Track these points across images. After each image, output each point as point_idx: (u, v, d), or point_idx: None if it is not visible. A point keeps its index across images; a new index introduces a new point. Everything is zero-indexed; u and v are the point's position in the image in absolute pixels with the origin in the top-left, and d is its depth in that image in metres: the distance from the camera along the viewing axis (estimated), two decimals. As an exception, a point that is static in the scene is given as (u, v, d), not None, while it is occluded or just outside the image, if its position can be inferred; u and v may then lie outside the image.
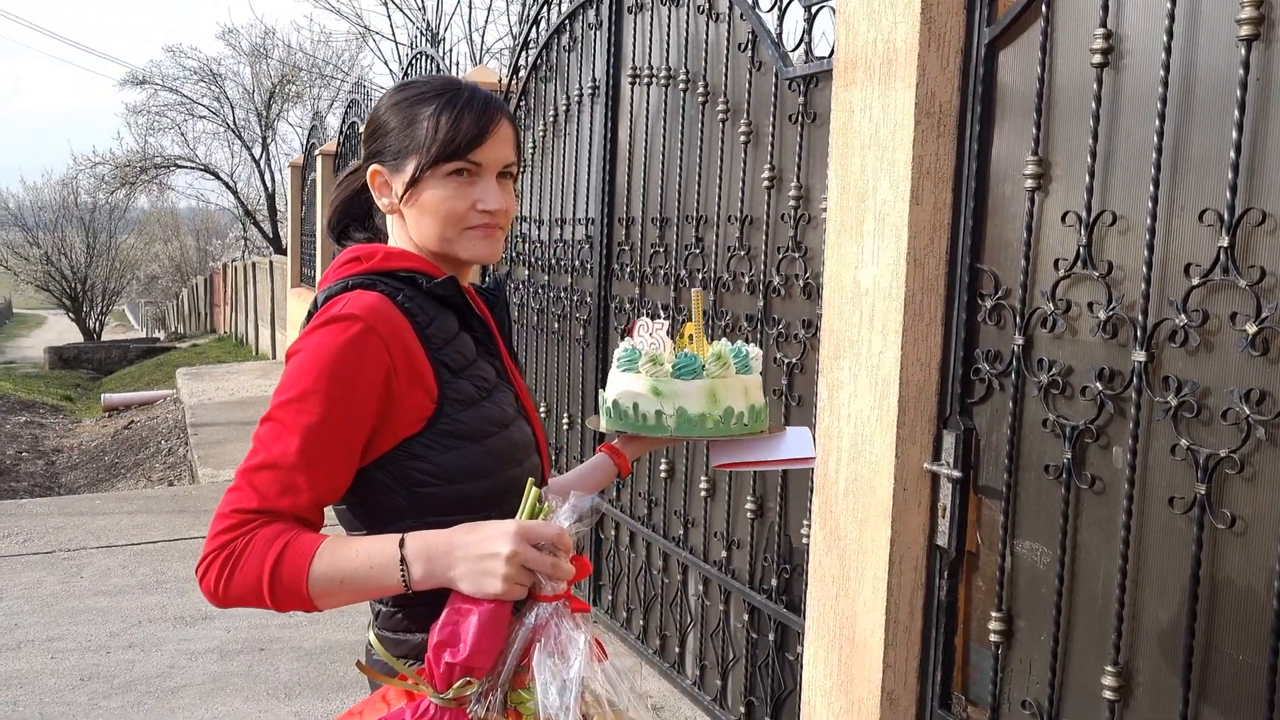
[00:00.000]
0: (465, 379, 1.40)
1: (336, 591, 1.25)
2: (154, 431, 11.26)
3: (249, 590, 1.23)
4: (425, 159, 1.39)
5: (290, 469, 1.26)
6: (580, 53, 4.45)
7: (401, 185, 1.42)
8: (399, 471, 1.35)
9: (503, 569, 1.22)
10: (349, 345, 1.29)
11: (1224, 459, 1.76)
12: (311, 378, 1.28)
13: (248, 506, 1.25)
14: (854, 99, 2.42)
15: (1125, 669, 1.95)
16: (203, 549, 1.26)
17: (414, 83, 1.47)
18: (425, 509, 1.36)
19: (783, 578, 3.03)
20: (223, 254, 34.59)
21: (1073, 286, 2.05)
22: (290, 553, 1.23)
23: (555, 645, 1.23)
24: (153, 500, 6.79)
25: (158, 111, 26.48)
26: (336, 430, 1.28)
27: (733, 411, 1.67)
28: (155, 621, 4.45)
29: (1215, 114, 1.79)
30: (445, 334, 1.41)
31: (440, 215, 1.42)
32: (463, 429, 1.37)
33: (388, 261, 1.42)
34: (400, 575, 1.25)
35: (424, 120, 1.40)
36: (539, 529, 1.25)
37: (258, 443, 1.29)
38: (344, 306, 1.32)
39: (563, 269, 4.60)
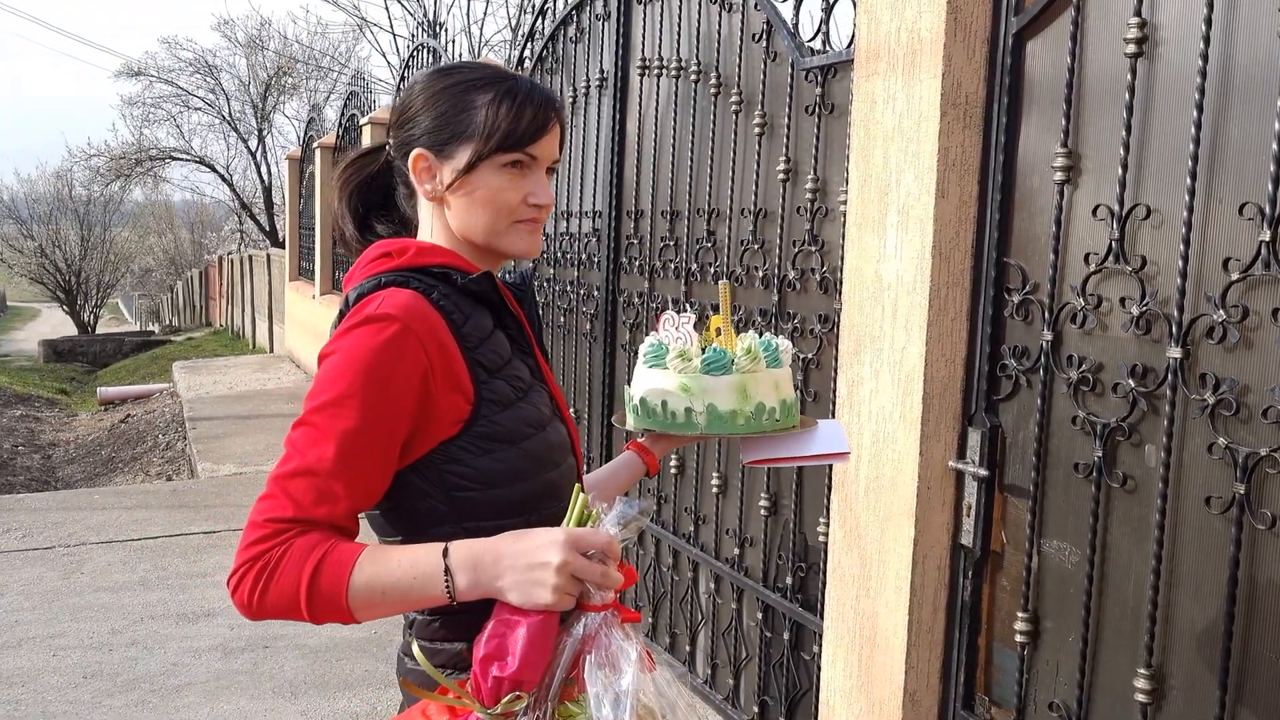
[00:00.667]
0: (501, 379, 1.35)
1: (378, 603, 1.20)
2: (151, 425, 11.19)
3: (285, 603, 1.18)
4: (485, 147, 1.34)
5: (327, 476, 1.21)
6: (587, 44, 4.40)
7: (452, 172, 1.36)
8: (436, 476, 1.30)
9: (553, 579, 1.17)
10: (385, 346, 1.24)
11: (1264, 458, 1.72)
12: (347, 381, 1.23)
13: (283, 515, 1.20)
14: (876, 90, 2.38)
15: (1158, 671, 1.92)
16: (235, 559, 1.20)
17: (461, 66, 1.41)
18: (463, 514, 1.31)
19: (798, 576, 2.99)
20: (218, 247, 34.47)
21: (1104, 281, 2.01)
22: (329, 563, 1.18)
23: (606, 656, 1.18)
24: (152, 495, 6.74)
25: (153, 103, 26.38)
26: (374, 435, 1.23)
27: (764, 407, 1.61)
28: (157, 618, 4.41)
29: (1256, 105, 1.75)
30: (481, 332, 1.35)
31: (493, 206, 1.37)
32: (500, 431, 1.32)
33: (421, 257, 1.36)
34: (445, 586, 1.20)
35: (481, 107, 1.35)
36: (589, 536, 1.21)
37: (291, 448, 1.23)
38: (379, 306, 1.27)
39: (569, 262, 4.56)
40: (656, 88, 3.79)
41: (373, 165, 1.49)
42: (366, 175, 1.49)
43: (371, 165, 1.49)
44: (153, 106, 26.38)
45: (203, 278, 31.47)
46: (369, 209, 1.50)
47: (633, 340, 3.99)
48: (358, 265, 1.40)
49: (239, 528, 5.71)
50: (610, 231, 4.13)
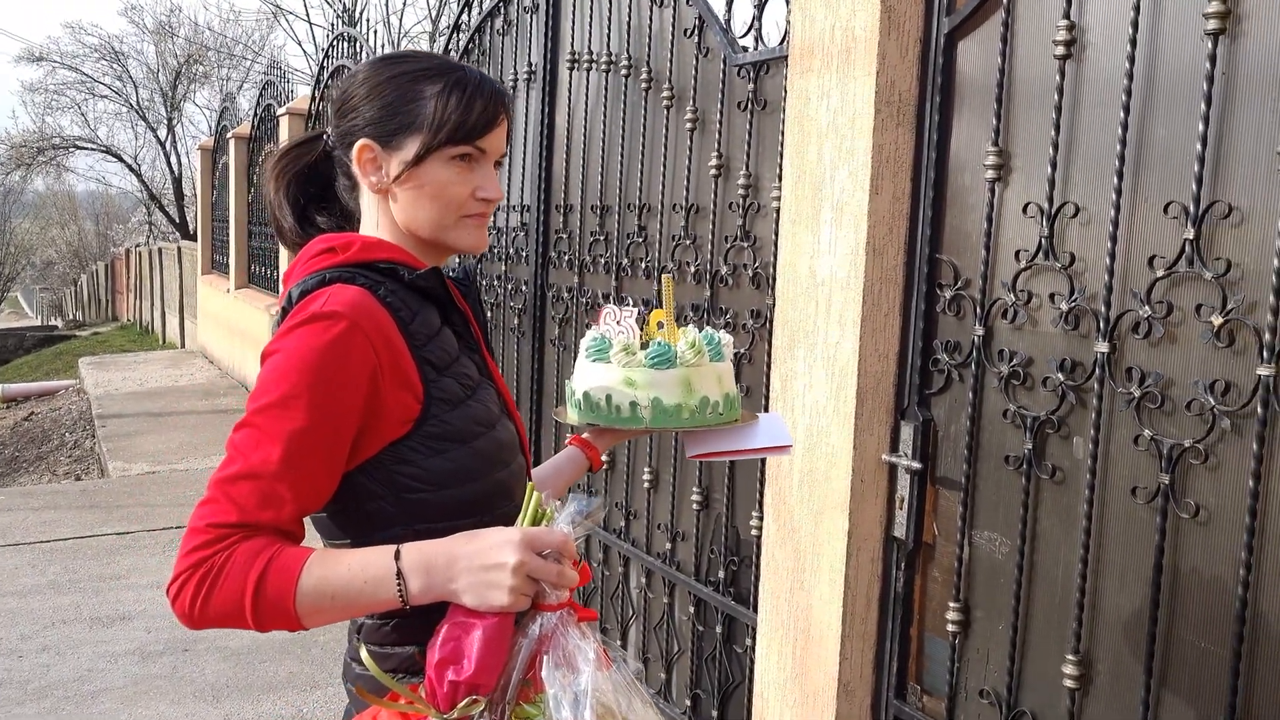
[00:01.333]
0: (450, 377, 1.32)
1: (326, 608, 1.17)
2: (57, 423, 10.82)
3: (229, 610, 1.14)
4: (434, 139, 1.31)
5: (272, 478, 1.17)
6: (515, 37, 4.36)
7: (398, 164, 1.33)
8: (385, 477, 1.27)
9: (509, 580, 1.15)
10: (333, 345, 1.21)
11: (1188, 449, 1.77)
12: (293, 380, 1.20)
13: (226, 520, 1.16)
14: (811, 86, 2.40)
15: (1086, 657, 1.97)
16: (175, 567, 1.16)
17: (408, 55, 1.38)
18: (414, 515, 1.28)
19: (730, 570, 3.01)
20: (125, 239, 33.47)
21: (1034, 277, 2.05)
22: (275, 569, 1.15)
23: (563, 656, 1.17)
24: (60, 495, 6.51)
25: (56, 90, 25.55)
26: (321, 436, 1.20)
27: (708, 400, 1.62)
28: (69, 623, 4.26)
29: (1180, 107, 1.80)
30: (429, 330, 1.32)
31: (442, 200, 1.34)
32: (450, 430, 1.30)
33: (366, 252, 1.33)
34: (397, 589, 1.17)
35: (430, 98, 1.32)
36: (544, 536, 1.19)
37: (234, 450, 1.20)
38: (325, 303, 1.23)
39: (496, 256, 4.51)
40: (586, 82, 3.78)
41: (310, 155, 1.44)
42: (304, 165, 1.44)
43: (309, 155, 1.44)
44: (56, 93, 25.57)
45: (109, 271, 30.51)
46: (308, 200, 1.44)
47: (561, 335, 3.97)
48: (299, 260, 1.36)
49: (154, 528, 5.60)
50: (539, 226, 4.10)
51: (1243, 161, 1.71)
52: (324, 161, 1.44)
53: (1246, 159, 1.71)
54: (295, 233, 1.43)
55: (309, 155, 1.44)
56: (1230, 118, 1.73)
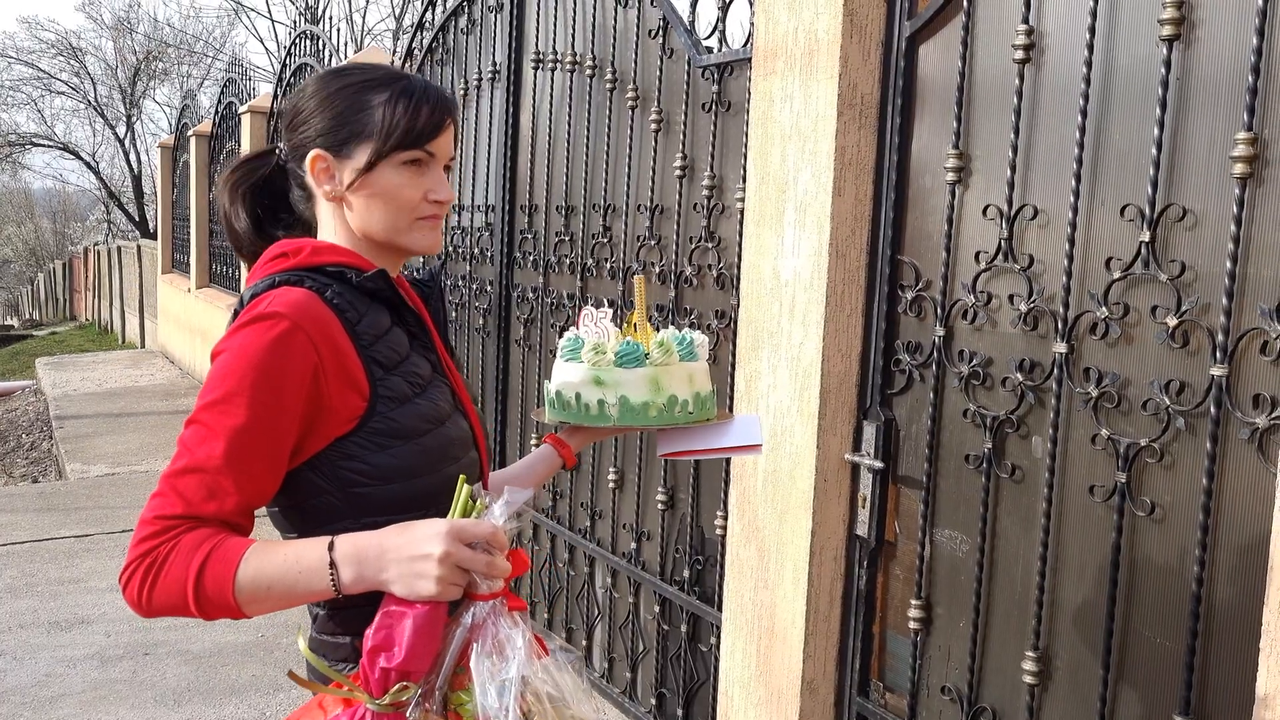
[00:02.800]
0: (398, 375, 1.36)
1: (264, 598, 1.21)
2: (13, 425, 10.64)
3: (173, 599, 1.19)
4: (384, 145, 1.36)
5: (215, 472, 1.22)
6: (480, 36, 4.35)
7: (351, 172, 1.37)
8: (331, 472, 1.31)
9: (435, 570, 1.18)
10: (274, 344, 1.25)
11: (1144, 448, 1.80)
12: (236, 378, 1.24)
13: (171, 513, 1.21)
14: (774, 89, 2.41)
15: (1045, 654, 2.00)
16: (126, 557, 1.22)
17: (354, 67, 1.42)
18: (360, 509, 1.32)
19: (695, 569, 3.02)
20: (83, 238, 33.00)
21: (993, 279, 2.08)
22: (215, 559, 1.19)
23: (493, 645, 1.21)
24: (17, 498, 6.41)
25: (11, 86, 25.10)
26: (263, 432, 1.24)
27: (676, 399, 1.63)
28: (27, 627, 4.20)
29: (1136, 111, 1.83)
30: (376, 330, 1.36)
31: (395, 204, 1.39)
32: (396, 427, 1.33)
33: (315, 256, 1.37)
34: (330, 579, 1.21)
35: (378, 106, 1.36)
36: (471, 528, 1.21)
37: (182, 446, 1.25)
38: (268, 304, 1.28)
39: (460, 256, 4.50)
40: (551, 81, 3.77)
41: (264, 168, 1.47)
42: (259, 178, 1.47)
43: (263, 168, 1.47)
44: (11, 89, 25.12)
45: (66, 270, 30.06)
46: (264, 213, 1.48)
47: (526, 336, 3.96)
48: (256, 266, 1.40)
49: (113, 530, 5.52)
50: (504, 226, 4.09)
51: (1196, 165, 1.74)
52: (278, 175, 1.47)
53: (1200, 163, 1.74)
54: (251, 244, 1.46)
55: (264, 169, 1.47)
56: (1184, 122, 1.76)
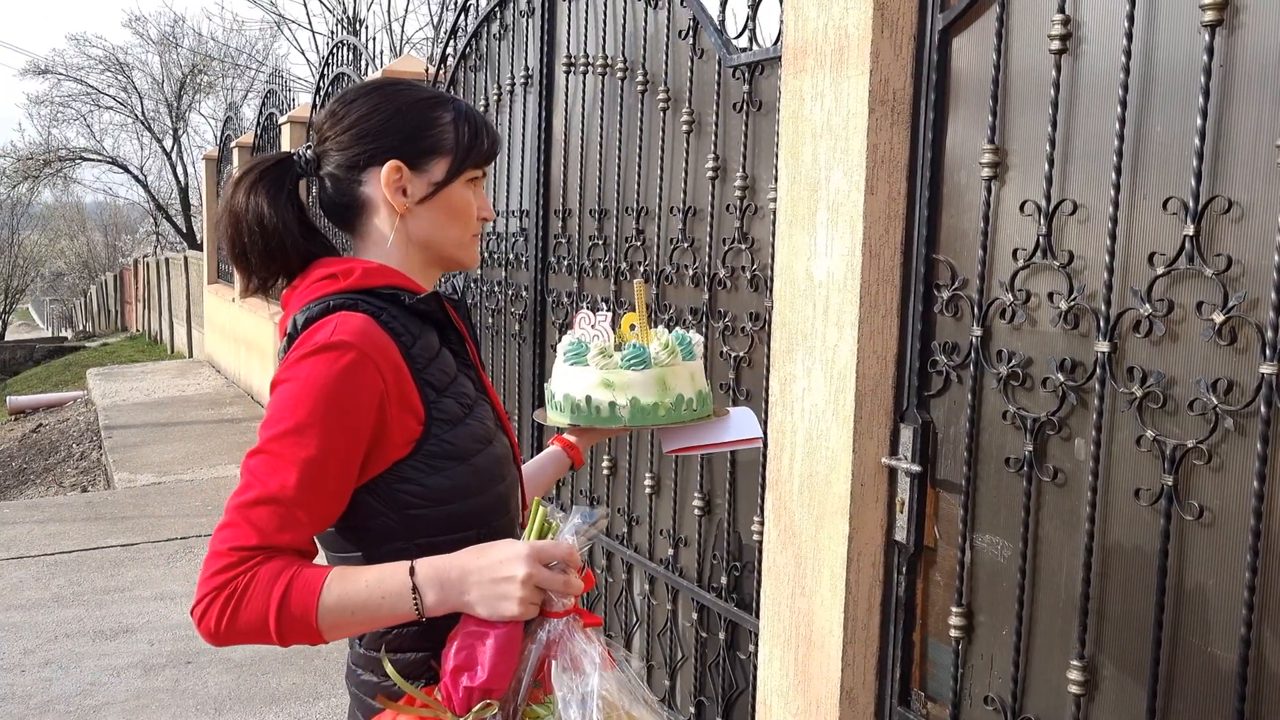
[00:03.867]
0: (450, 397, 1.38)
1: (347, 623, 1.24)
2: (64, 435, 10.84)
3: (254, 627, 1.21)
4: (462, 162, 1.42)
5: (289, 503, 1.23)
6: (512, 41, 4.34)
7: (426, 186, 1.41)
8: (388, 494, 1.33)
9: (518, 592, 1.22)
10: (344, 375, 1.26)
11: (1191, 450, 1.74)
12: (307, 409, 1.25)
13: (247, 543, 1.22)
14: (804, 87, 2.37)
15: (1090, 663, 1.93)
16: (198, 590, 1.22)
17: (409, 83, 1.45)
18: (415, 531, 1.34)
19: (733, 575, 2.98)
20: (133, 250, 33.58)
21: (1032, 276, 2.02)
22: (297, 587, 1.21)
23: (570, 660, 1.25)
24: (65, 508, 6.51)
25: (61, 102, 25.64)
26: (334, 462, 1.26)
27: (683, 398, 1.70)
28: (73, 636, 4.25)
29: (1178, 101, 1.77)
30: (429, 352, 1.38)
31: (462, 219, 1.45)
32: (450, 449, 1.35)
33: (368, 279, 1.38)
34: (413, 603, 1.23)
35: (448, 124, 1.42)
36: (550, 549, 1.25)
37: (250, 476, 1.25)
38: (334, 332, 1.28)
39: (496, 262, 4.49)
40: (583, 85, 3.75)
41: (289, 175, 1.44)
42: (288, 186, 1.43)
43: (288, 175, 1.44)
44: (61, 105, 25.66)
45: (118, 281, 30.61)
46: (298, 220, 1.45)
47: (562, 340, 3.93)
48: (300, 286, 1.40)
49: (158, 539, 5.59)
50: (538, 231, 4.08)
51: (1242, 155, 1.68)
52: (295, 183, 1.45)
53: (1246, 153, 1.67)
54: (301, 250, 1.42)
55: (289, 175, 1.44)
56: (1229, 111, 1.69)
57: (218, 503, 6.38)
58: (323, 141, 1.43)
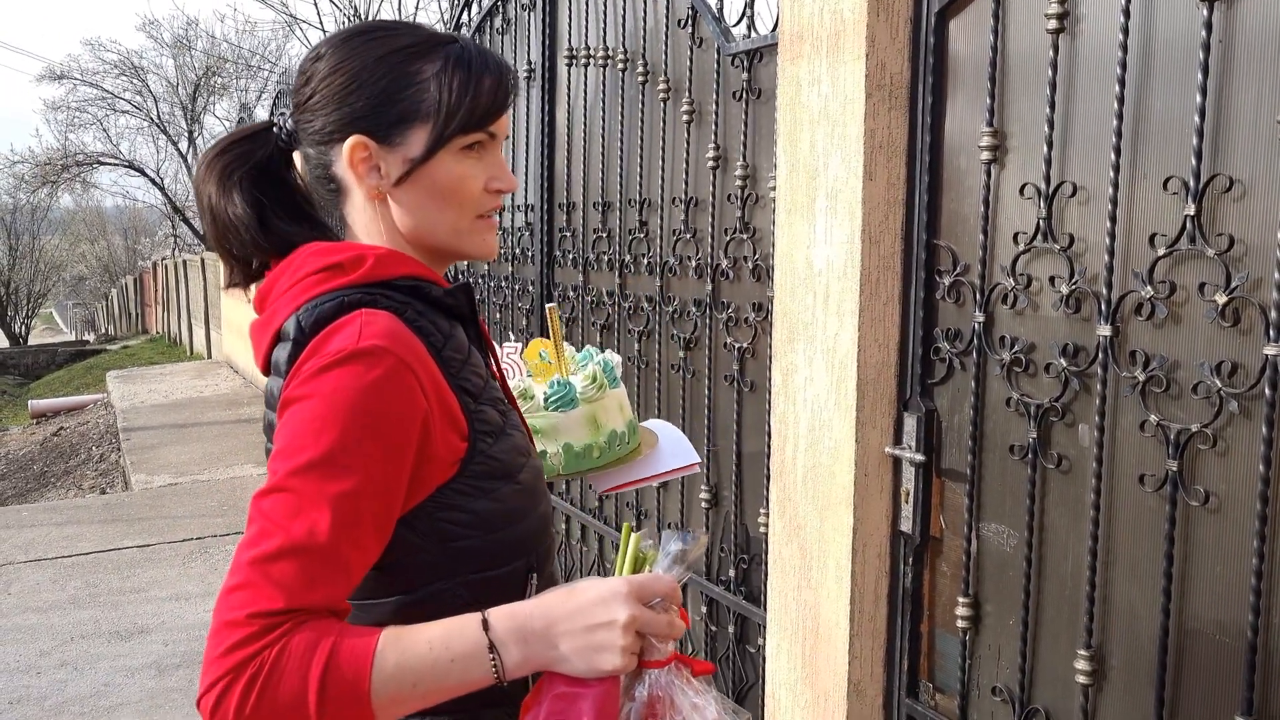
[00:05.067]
0: (487, 404, 1.15)
1: (407, 697, 0.97)
2: (84, 438, 10.91)
3: (285, 714, 0.93)
4: (445, 129, 1.12)
5: (321, 552, 0.97)
6: (514, 35, 4.32)
7: (401, 163, 1.13)
8: (428, 525, 1.10)
9: (621, 640, 0.99)
10: (379, 388, 1.02)
11: (1196, 434, 1.71)
12: (336, 433, 1.00)
13: (270, 608, 0.95)
14: (801, 73, 2.34)
15: (1098, 652, 1.90)
16: (206, 673, 0.94)
17: (387, 27, 1.16)
18: (460, 566, 1.12)
19: (740, 568, 2.96)
20: (152, 252, 33.78)
21: (1033, 260, 1.99)
22: (342, 661, 0.95)
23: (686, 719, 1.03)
24: (83, 510, 6.55)
25: (78, 107, 25.78)
26: (374, 496, 1.01)
27: (616, 434, 1.53)
28: (88, 638, 4.27)
29: (1177, 78, 1.73)
30: (460, 353, 1.15)
31: (458, 199, 1.16)
32: (496, 467, 1.13)
33: (382, 268, 1.12)
34: (491, 665, 0.99)
35: (429, 80, 1.12)
36: (651, 584, 1.03)
37: (266, 522, 0.98)
38: (361, 336, 1.04)
39: (502, 257, 4.48)
40: (584, 78, 3.73)
41: (262, 150, 1.19)
42: (257, 162, 1.19)
43: (260, 150, 1.19)
44: (78, 110, 25.80)
45: (138, 284, 30.83)
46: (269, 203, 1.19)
47: (568, 335, 3.92)
48: (284, 275, 1.14)
49: (174, 540, 5.61)
50: (543, 225, 4.06)
51: (1243, 132, 1.64)
52: (277, 157, 1.21)
53: (1247, 130, 1.64)
54: (253, 242, 1.17)
55: (261, 151, 1.19)
56: (1229, 87, 1.66)
57: (233, 503, 6.41)
58: (297, 108, 1.18)
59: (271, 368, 1.14)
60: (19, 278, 36.14)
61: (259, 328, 1.16)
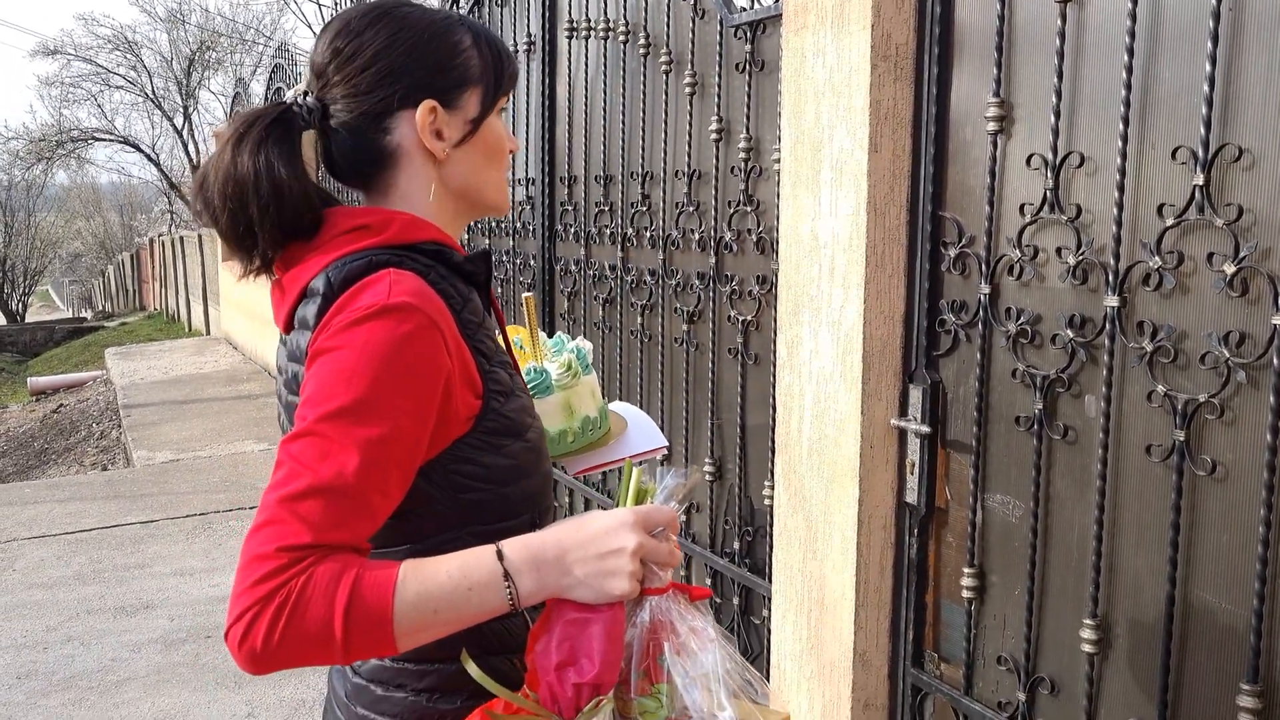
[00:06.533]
0: (498, 366, 1.20)
1: (428, 624, 1.02)
2: (84, 415, 10.92)
3: (311, 641, 0.98)
4: (494, 91, 1.24)
5: (348, 493, 1.02)
6: (514, 7, 4.29)
7: (461, 125, 1.22)
8: (443, 478, 1.14)
9: (629, 565, 1.05)
10: (408, 341, 1.06)
11: (1203, 404, 1.71)
12: (366, 382, 1.04)
13: (298, 542, 0.99)
14: (806, 44, 2.33)
15: (1103, 621, 1.91)
16: (235, 605, 0.98)
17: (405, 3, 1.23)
18: (469, 517, 1.17)
19: (745, 541, 2.97)
20: (149, 229, 33.69)
21: (1040, 231, 1.98)
22: (365, 588, 0.99)
23: (684, 641, 1.08)
24: (85, 486, 6.56)
25: (72, 83, 25.67)
26: (400, 444, 1.06)
27: (589, 419, 1.58)
28: (94, 613, 4.29)
29: (1186, 48, 1.72)
30: (477, 316, 1.20)
31: (497, 157, 1.26)
32: (508, 425, 1.18)
33: (407, 232, 1.17)
34: (506, 592, 1.04)
35: (470, 49, 1.22)
36: (655, 514, 1.09)
37: (295, 463, 1.02)
38: (391, 293, 1.08)
39: (504, 231, 4.47)
40: (585, 50, 3.71)
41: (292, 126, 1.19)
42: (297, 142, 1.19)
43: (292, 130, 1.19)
44: (72, 86, 25.69)
45: (134, 261, 30.75)
46: None
47: (571, 309, 3.92)
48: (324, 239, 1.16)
49: (177, 516, 5.62)
50: (544, 198, 4.05)
51: (1252, 102, 1.63)
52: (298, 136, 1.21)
53: (1256, 99, 1.63)
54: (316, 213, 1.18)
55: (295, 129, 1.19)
56: (1238, 57, 1.65)
57: (235, 479, 6.43)
58: (328, 86, 1.20)
59: (296, 323, 1.17)
60: (15, 255, 36.07)
61: (286, 285, 1.19)
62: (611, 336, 3.64)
